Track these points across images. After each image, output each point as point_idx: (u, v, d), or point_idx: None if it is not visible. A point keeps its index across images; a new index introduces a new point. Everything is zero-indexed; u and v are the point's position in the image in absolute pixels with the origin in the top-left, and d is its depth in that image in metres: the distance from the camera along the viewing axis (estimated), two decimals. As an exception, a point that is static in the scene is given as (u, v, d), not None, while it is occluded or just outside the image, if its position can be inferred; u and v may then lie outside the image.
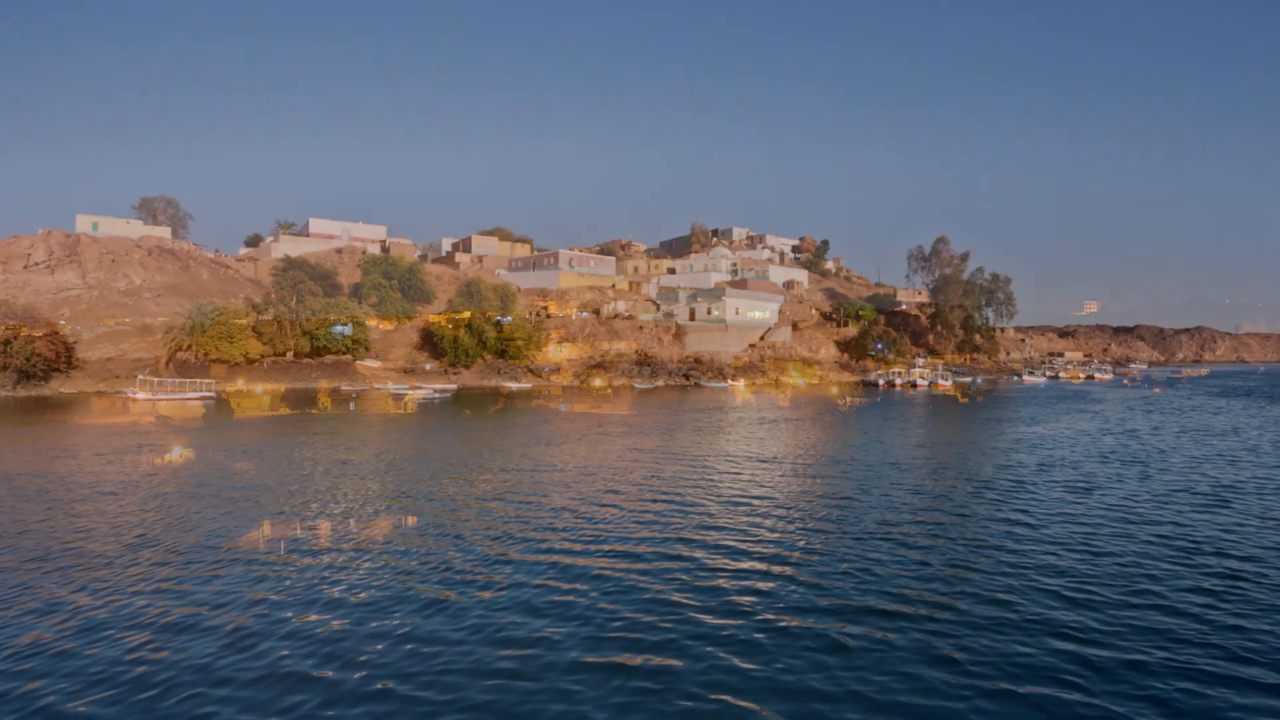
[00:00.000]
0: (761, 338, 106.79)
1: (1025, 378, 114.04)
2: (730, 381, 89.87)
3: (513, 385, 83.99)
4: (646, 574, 13.69)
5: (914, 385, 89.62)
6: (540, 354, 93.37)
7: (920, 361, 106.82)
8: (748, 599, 12.34)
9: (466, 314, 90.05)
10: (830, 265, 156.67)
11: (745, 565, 14.26)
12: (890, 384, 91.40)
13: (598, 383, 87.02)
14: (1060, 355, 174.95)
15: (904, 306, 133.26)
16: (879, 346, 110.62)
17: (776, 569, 13.99)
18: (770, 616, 11.57)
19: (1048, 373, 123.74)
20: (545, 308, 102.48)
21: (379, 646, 10.39)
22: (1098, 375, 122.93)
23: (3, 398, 60.78)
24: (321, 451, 29.59)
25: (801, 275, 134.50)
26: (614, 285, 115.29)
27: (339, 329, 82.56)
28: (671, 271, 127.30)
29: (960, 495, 21.18)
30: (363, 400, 60.88)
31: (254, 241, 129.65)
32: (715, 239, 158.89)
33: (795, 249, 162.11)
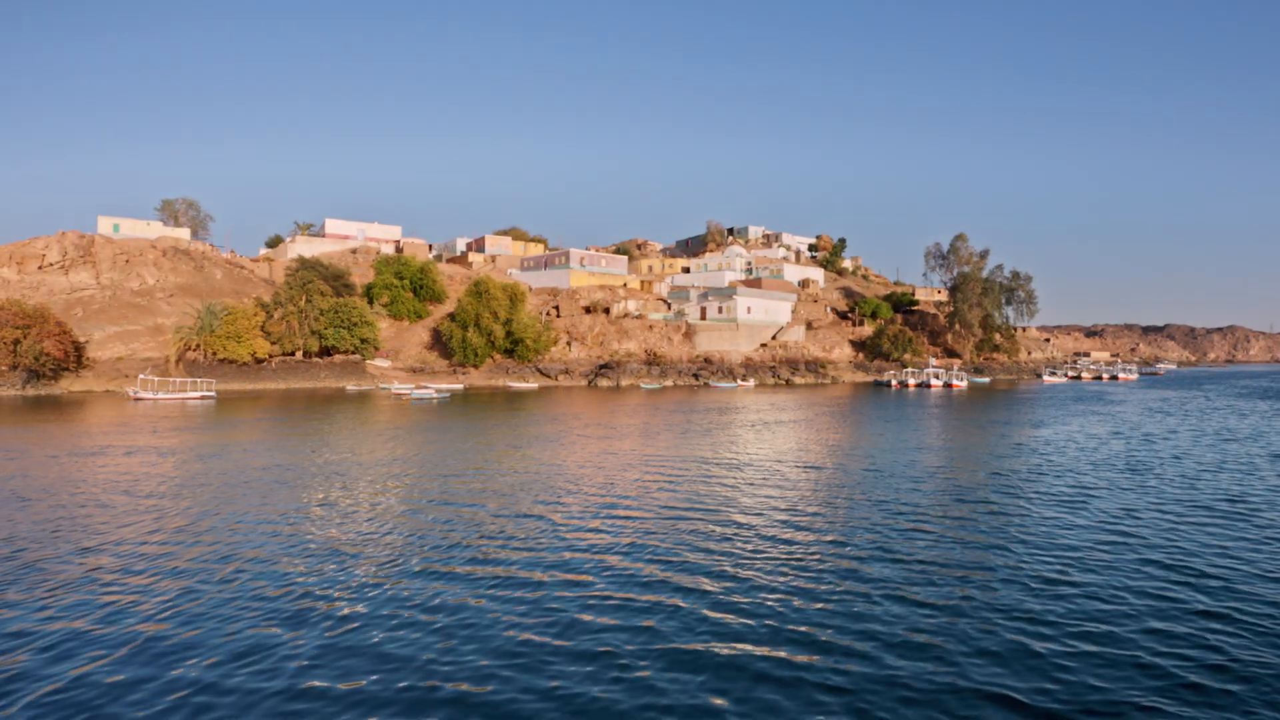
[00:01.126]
0: (774, 337, 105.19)
1: (1045, 378, 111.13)
2: (740, 382, 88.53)
3: (519, 385, 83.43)
4: (536, 594, 12.52)
5: (927, 386, 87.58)
6: (549, 354, 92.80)
7: (933, 361, 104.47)
8: (646, 621, 11.20)
9: (469, 313, 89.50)
10: (847, 264, 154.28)
11: (661, 579, 13.05)
12: (903, 384, 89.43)
13: (604, 383, 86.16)
14: (1086, 355, 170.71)
15: (922, 305, 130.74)
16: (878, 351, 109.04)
17: (695, 584, 12.78)
18: (658, 647, 10.40)
19: (1069, 373, 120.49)
20: (555, 307, 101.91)
21: (182, 670, 9.52)
22: (1122, 375, 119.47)
23: (12, 396, 61.49)
24: (278, 455, 28.96)
25: (817, 274, 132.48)
26: (625, 284, 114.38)
27: (338, 329, 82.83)
28: (686, 270, 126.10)
29: (933, 507, 19.82)
30: (362, 400, 60.62)
31: (275, 243, 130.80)
32: (731, 238, 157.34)
33: (812, 247, 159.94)
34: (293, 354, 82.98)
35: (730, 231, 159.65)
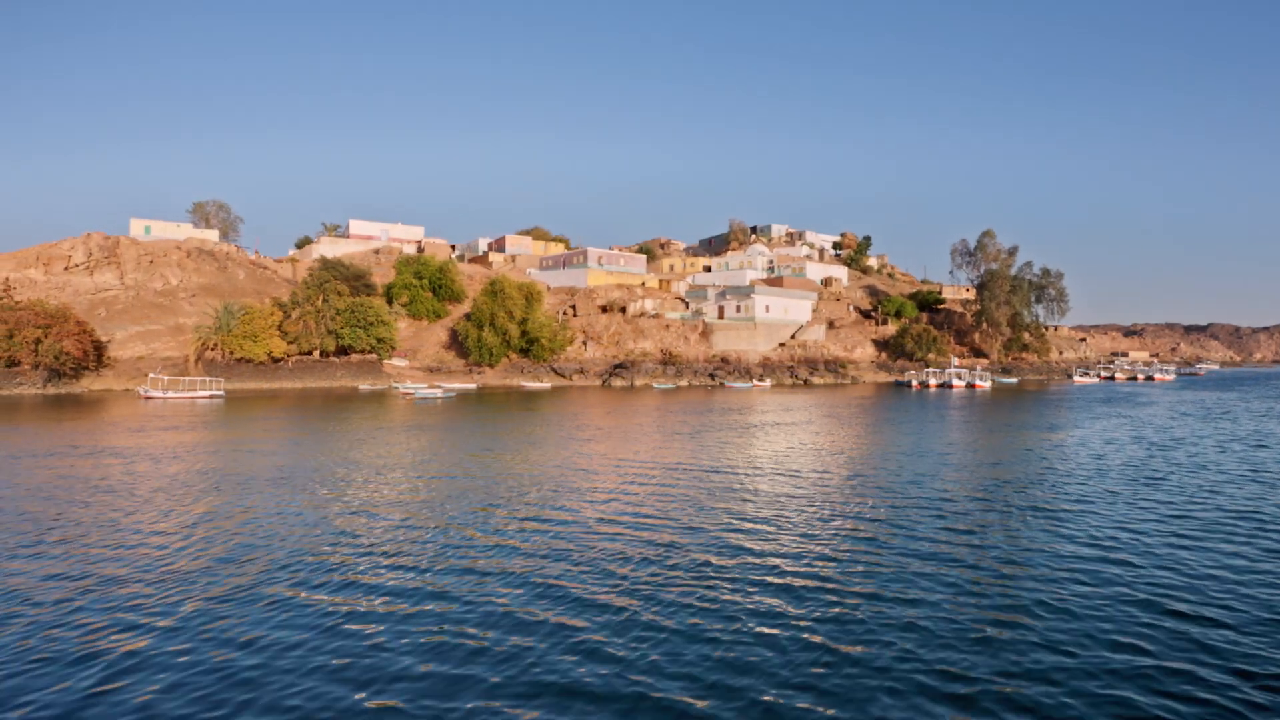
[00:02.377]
0: (793, 336, 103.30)
1: (1076, 378, 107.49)
2: (756, 382, 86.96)
3: (531, 385, 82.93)
4: (400, 607, 11.43)
5: (949, 386, 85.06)
6: (564, 353, 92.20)
7: (956, 361, 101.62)
8: (512, 644, 10.10)
9: (485, 313, 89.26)
10: (873, 262, 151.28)
11: (557, 595, 11.86)
12: (923, 385, 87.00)
13: (618, 383, 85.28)
14: (1124, 355, 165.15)
15: (948, 304, 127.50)
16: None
17: (601, 605, 11.58)
18: (523, 680, 9.30)
19: (1102, 373, 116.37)
20: (572, 306, 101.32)
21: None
22: (1158, 376, 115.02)
23: (32, 395, 62.71)
24: (242, 457, 28.42)
25: (840, 272, 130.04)
26: (643, 284, 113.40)
27: (354, 329, 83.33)
28: (707, 269, 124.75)
29: (902, 522, 18.18)
30: (372, 400, 60.56)
31: (303, 244, 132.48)
32: (754, 236, 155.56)
33: (836, 245, 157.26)
34: (310, 353, 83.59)
35: (753, 230, 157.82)
